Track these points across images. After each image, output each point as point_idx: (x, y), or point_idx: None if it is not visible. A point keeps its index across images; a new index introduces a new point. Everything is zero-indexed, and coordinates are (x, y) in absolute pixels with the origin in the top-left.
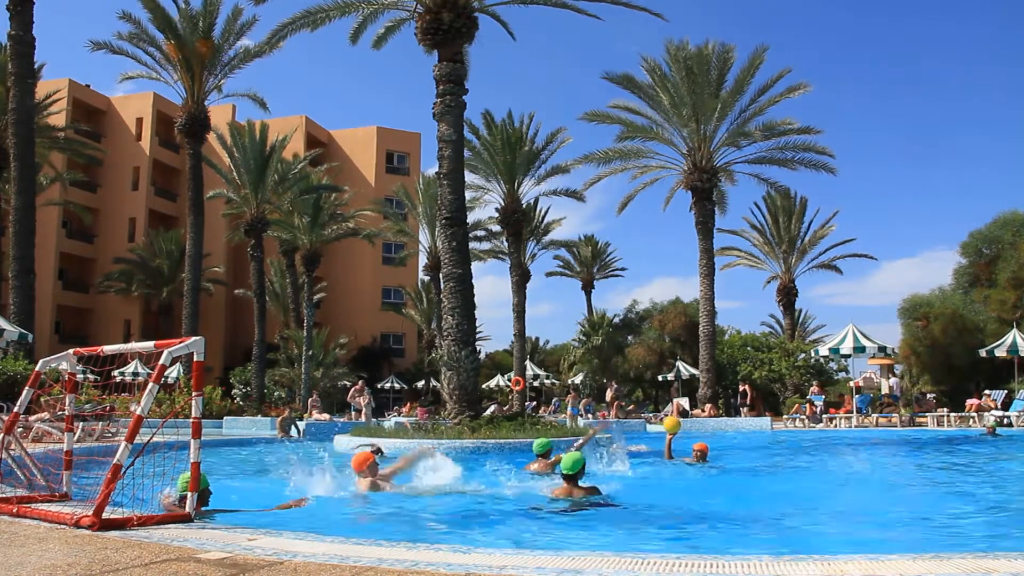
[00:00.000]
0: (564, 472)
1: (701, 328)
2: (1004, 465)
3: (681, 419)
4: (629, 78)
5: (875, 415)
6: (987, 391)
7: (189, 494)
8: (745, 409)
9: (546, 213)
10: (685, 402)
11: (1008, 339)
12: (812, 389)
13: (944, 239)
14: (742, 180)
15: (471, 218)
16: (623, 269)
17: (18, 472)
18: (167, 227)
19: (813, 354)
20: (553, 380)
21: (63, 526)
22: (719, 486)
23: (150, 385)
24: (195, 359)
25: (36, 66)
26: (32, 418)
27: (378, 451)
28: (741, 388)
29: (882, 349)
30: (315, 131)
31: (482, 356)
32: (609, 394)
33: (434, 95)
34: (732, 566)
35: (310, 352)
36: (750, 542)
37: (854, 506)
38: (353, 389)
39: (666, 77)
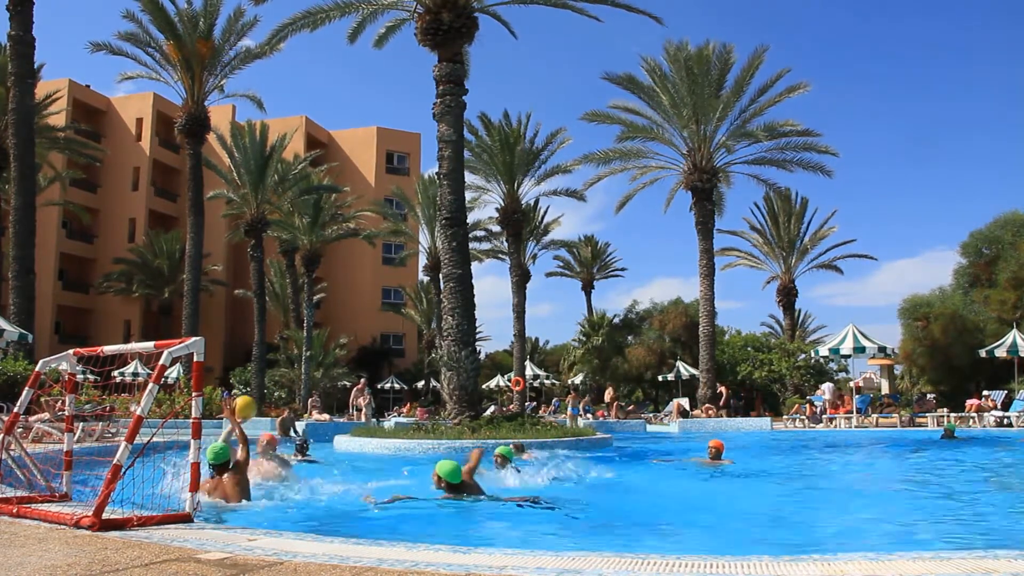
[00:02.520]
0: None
1: (701, 328)
2: (1004, 465)
3: (683, 418)
4: (629, 78)
5: (875, 415)
6: (986, 391)
7: (189, 495)
8: (723, 411)
9: (546, 213)
10: (685, 402)
11: (1008, 339)
12: (819, 391)
13: (944, 239)
14: (742, 180)
15: (471, 218)
16: (623, 269)
17: (18, 472)
18: (167, 227)
19: (813, 354)
20: (553, 380)
21: (63, 526)
22: (718, 486)
23: (150, 385)
24: (195, 359)
25: (36, 66)
26: (32, 418)
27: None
28: (719, 389)
29: (882, 349)
30: (315, 131)
31: (482, 356)
32: (609, 393)
33: (434, 95)
34: (732, 566)
35: (310, 352)
36: (750, 542)
37: (854, 506)
38: (355, 389)
39: (666, 77)
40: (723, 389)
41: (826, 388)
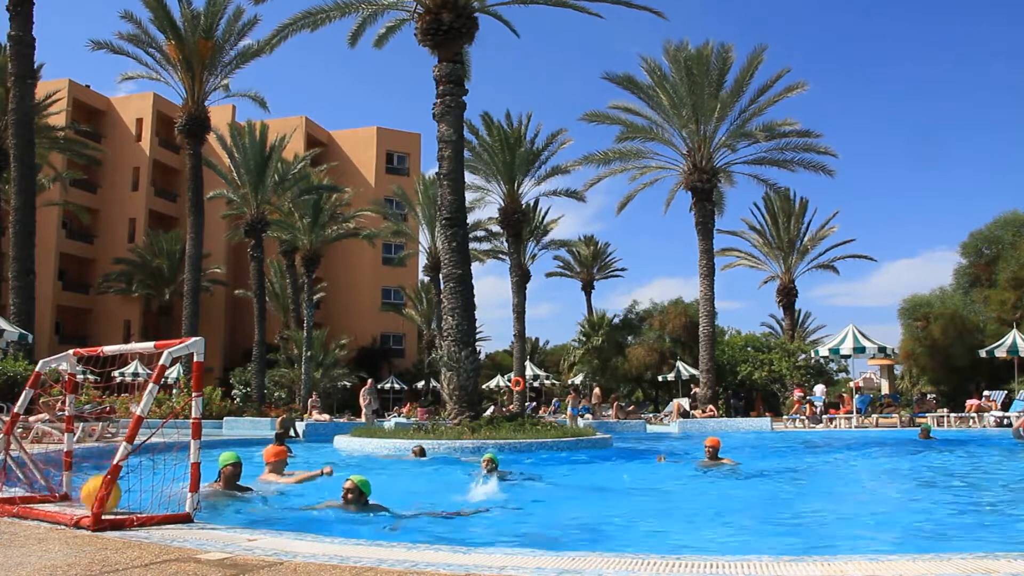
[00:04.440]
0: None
1: (701, 328)
2: (1006, 465)
3: (683, 419)
4: (629, 78)
5: (875, 416)
6: (987, 392)
7: (189, 495)
8: (697, 412)
9: (546, 213)
10: (685, 402)
11: (1008, 339)
12: (845, 399)
13: (944, 239)
14: (742, 181)
15: (471, 219)
16: (623, 269)
17: (18, 472)
18: (167, 227)
19: (813, 354)
20: (553, 380)
21: (63, 526)
22: (719, 487)
23: (150, 386)
24: (195, 359)
25: (36, 66)
26: (32, 418)
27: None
28: (693, 391)
29: (882, 350)
30: (315, 131)
31: (482, 356)
32: (596, 394)
33: (434, 95)
34: (732, 566)
35: (310, 353)
36: (750, 542)
37: (854, 506)
38: (363, 390)
39: (666, 77)
40: (697, 390)
41: (818, 390)
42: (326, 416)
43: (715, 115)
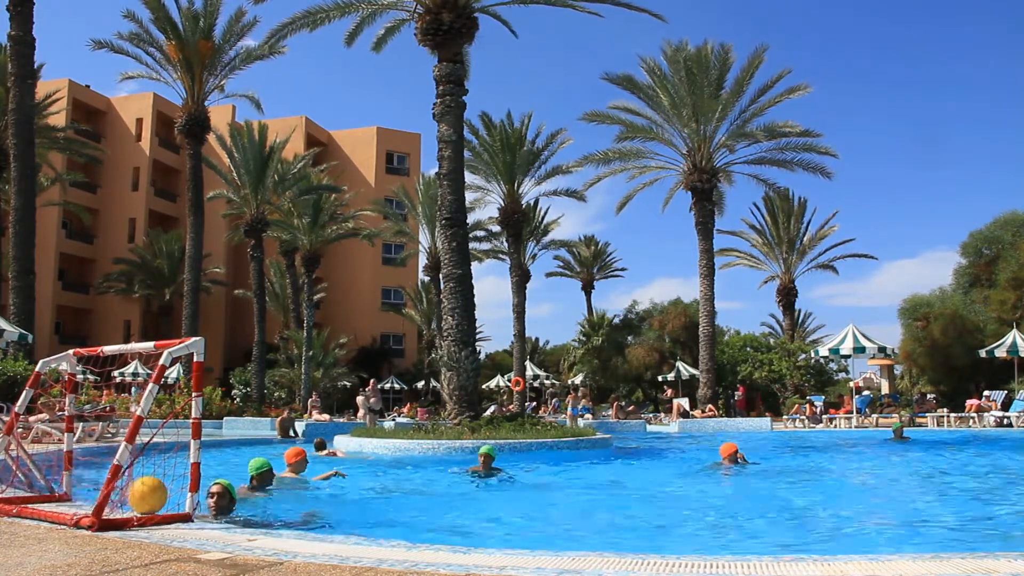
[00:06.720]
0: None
1: (701, 328)
2: (1007, 465)
3: (683, 419)
4: (629, 79)
5: (875, 416)
6: (987, 392)
7: (189, 495)
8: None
9: (546, 213)
10: (685, 402)
11: (1008, 339)
12: (845, 399)
13: (944, 239)
14: (742, 181)
15: (471, 219)
16: (623, 269)
17: (18, 472)
18: (167, 227)
19: (813, 355)
20: (553, 380)
21: (63, 526)
22: (717, 487)
23: (150, 386)
24: (195, 359)
25: (36, 66)
26: (32, 418)
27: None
28: (667, 392)
29: (882, 350)
30: (315, 131)
31: (482, 356)
32: (579, 390)
33: (434, 96)
34: (732, 566)
35: (310, 353)
36: (750, 542)
37: (854, 506)
38: (368, 390)
39: (665, 78)
40: (669, 392)
41: (860, 387)
42: (326, 416)
43: (715, 115)
